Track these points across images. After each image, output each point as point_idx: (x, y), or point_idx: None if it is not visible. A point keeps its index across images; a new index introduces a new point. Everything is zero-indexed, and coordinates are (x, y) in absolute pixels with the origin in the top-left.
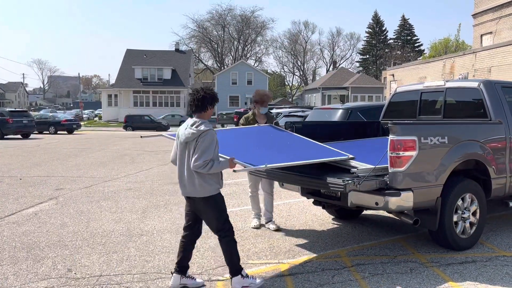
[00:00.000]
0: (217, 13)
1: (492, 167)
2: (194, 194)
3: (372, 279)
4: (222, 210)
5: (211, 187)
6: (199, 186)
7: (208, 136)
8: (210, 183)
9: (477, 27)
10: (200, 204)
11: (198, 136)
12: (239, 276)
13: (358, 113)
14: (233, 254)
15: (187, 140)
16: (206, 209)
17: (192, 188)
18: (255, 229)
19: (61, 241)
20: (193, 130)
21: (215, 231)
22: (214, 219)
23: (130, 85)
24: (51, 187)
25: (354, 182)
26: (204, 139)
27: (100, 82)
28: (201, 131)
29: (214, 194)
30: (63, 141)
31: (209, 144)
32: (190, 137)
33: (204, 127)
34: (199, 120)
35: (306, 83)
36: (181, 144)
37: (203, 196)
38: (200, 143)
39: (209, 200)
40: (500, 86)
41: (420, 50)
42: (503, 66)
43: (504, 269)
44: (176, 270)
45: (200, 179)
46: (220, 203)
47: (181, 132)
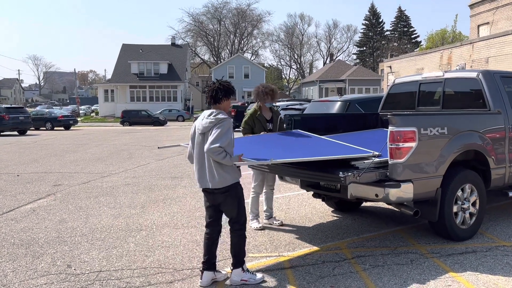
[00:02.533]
0: (212, 6)
1: (492, 157)
2: (213, 185)
3: (373, 270)
4: (241, 200)
5: (230, 177)
6: (219, 177)
7: (226, 123)
8: (229, 172)
9: (474, 17)
10: (220, 195)
11: (215, 125)
12: (240, 269)
13: (357, 105)
14: (241, 248)
15: (205, 131)
16: (226, 200)
17: (212, 179)
18: (259, 230)
19: (60, 237)
20: (211, 119)
21: (231, 221)
22: (234, 209)
23: (126, 80)
24: (49, 183)
25: (354, 174)
26: (221, 125)
27: (96, 78)
28: (219, 119)
29: (233, 183)
30: (60, 137)
31: (226, 130)
32: (208, 126)
33: (221, 115)
34: (215, 111)
35: (303, 76)
36: (199, 136)
37: (223, 187)
38: (216, 129)
39: (229, 190)
40: (499, 76)
41: (417, 42)
42: (501, 56)
43: (504, 259)
44: (205, 268)
45: (219, 169)
46: (239, 193)
47: (197, 124)
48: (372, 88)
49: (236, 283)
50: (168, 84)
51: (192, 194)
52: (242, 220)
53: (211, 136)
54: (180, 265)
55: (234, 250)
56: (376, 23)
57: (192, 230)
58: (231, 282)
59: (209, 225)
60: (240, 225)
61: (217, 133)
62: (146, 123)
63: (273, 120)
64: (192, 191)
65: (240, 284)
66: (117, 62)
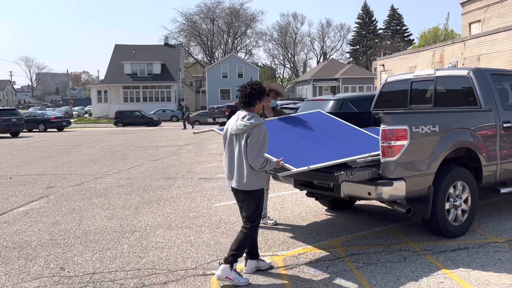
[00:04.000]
0: (205, 6)
1: (483, 155)
2: (239, 186)
3: (366, 268)
4: (260, 205)
5: (256, 183)
6: (247, 179)
7: (262, 130)
8: (258, 177)
9: (465, 15)
10: (242, 195)
11: (250, 129)
12: (228, 265)
13: (349, 104)
14: (242, 247)
15: (238, 133)
16: (246, 199)
17: (239, 180)
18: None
19: (53, 239)
20: (245, 123)
21: (246, 219)
22: (251, 210)
23: (119, 81)
24: (42, 185)
25: (346, 172)
26: (258, 134)
27: (89, 78)
28: (254, 124)
29: (257, 189)
30: (53, 138)
31: (263, 140)
32: (242, 129)
33: (255, 121)
34: (249, 114)
35: (297, 75)
36: (231, 137)
37: (249, 190)
38: (255, 139)
39: (252, 193)
40: (489, 73)
41: (410, 40)
42: (492, 53)
43: (496, 255)
44: (248, 257)
45: (250, 173)
46: (260, 198)
47: (231, 124)
48: (365, 87)
49: (220, 277)
50: (162, 84)
51: (186, 194)
52: (256, 222)
53: (253, 150)
54: (174, 266)
55: (233, 246)
56: (369, 22)
57: (186, 231)
58: (216, 276)
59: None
60: (251, 226)
61: (258, 145)
62: (139, 124)
63: None
64: (186, 192)
65: (223, 280)
66: (110, 62)
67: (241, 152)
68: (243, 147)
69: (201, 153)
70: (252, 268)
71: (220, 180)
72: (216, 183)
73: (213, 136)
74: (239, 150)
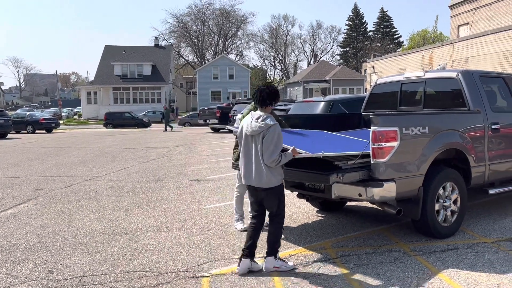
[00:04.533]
0: (196, 7)
1: (472, 156)
2: (260, 185)
3: (357, 270)
4: (283, 198)
5: (276, 179)
6: (266, 178)
7: (276, 131)
8: (275, 175)
9: (454, 18)
10: (263, 193)
11: (265, 130)
12: (272, 257)
13: (340, 105)
14: (277, 237)
15: (254, 134)
16: (267, 196)
17: (258, 179)
18: (243, 231)
19: (42, 242)
20: (260, 124)
21: (272, 214)
22: (275, 205)
23: (109, 82)
24: (30, 187)
25: (337, 174)
26: (273, 135)
27: (78, 80)
28: (269, 125)
29: (278, 185)
30: (42, 140)
31: (278, 139)
32: (257, 130)
33: (270, 121)
34: (264, 114)
35: (288, 76)
36: (247, 137)
37: (269, 187)
38: (270, 138)
39: (273, 190)
40: (478, 75)
41: (399, 42)
42: (480, 56)
43: (485, 255)
44: (245, 254)
45: (268, 171)
46: (281, 192)
47: (245, 124)
48: (356, 88)
49: (268, 269)
50: (152, 85)
51: (176, 196)
52: (282, 214)
53: (268, 149)
54: (164, 268)
55: (269, 239)
56: (359, 24)
57: (177, 233)
58: (265, 269)
59: (255, 217)
60: (279, 218)
61: (273, 144)
62: (130, 125)
63: None
64: (177, 194)
65: (272, 270)
66: (100, 63)
67: (258, 152)
68: (260, 147)
69: (192, 155)
70: (245, 268)
71: (211, 181)
72: (207, 184)
73: (204, 137)
74: (256, 150)
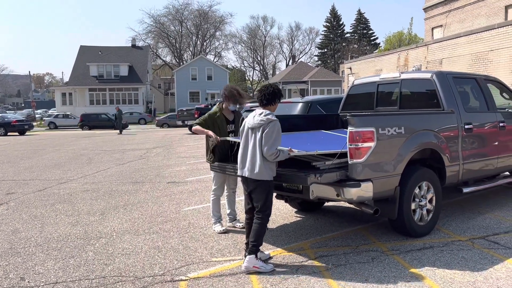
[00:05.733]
0: (173, 8)
1: (446, 155)
2: (251, 175)
3: (336, 270)
4: (270, 196)
5: (267, 173)
6: (259, 170)
7: (277, 126)
8: (267, 169)
9: (428, 20)
10: (254, 184)
11: (266, 124)
12: (253, 255)
13: (318, 106)
14: (259, 236)
15: (255, 127)
16: (256, 188)
17: (251, 169)
18: (222, 234)
19: (13, 248)
20: (262, 118)
21: (257, 209)
22: (262, 200)
23: (85, 83)
24: (1, 191)
25: (315, 175)
26: (273, 129)
27: (53, 80)
28: (270, 120)
29: (268, 179)
30: (14, 142)
31: (277, 134)
32: (258, 124)
33: (271, 117)
34: (266, 111)
35: (267, 77)
36: (248, 130)
37: (260, 179)
38: (270, 132)
39: (263, 184)
40: (451, 76)
41: (376, 44)
42: (453, 57)
43: (459, 253)
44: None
45: (261, 164)
46: (270, 188)
47: (249, 119)
48: (333, 89)
49: (248, 268)
50: (129, 86)
51: (153, 199)
52: (267, 212)
53: (267, 143)
54: (141, 272)
55: (252, 237)
56: (336, 26)
57: (154, 236)
58: (244, 268)
59: (248, 211)
60: (263, 215)
61: (273, 138)
62: (106, 127)
63: (235, 121)
64: (154, 196)
65: (252, 270)
66: (75, 64)
67: (255, 144)
68: (258, 140)
69: (170, 157)
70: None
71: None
72: (185, 186)
73: (183, 138)
74: (254, 142)
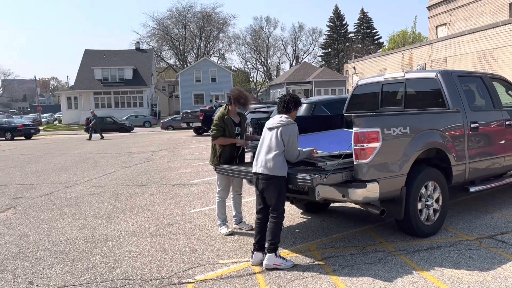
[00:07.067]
0: (177, 10)
1: (452, 154)
2: (264, 171)
3: (343, 271)
4: (283, 193)
5: (280, 170)
6: (272, 165)
7: (295, 128)
8: (280, 166)
9: (432, 19)
10: (266, 181)
11: (284, 125)
12: (273, 254)
13: (322, 106)
14: (276, 235)
15: (273, 127)
16: (269, 187)
17: (264, 164)
18: (228, 235)
19: (21, 252)
20: (282, 119)
21: (271, 208)
22: (274, 197)
23: (90, 87)
24: (9, 196)
25: (320, 176)
26: (292, 131)
27: (58, 85)
28: (289, 121)
29: (280, 175)
30: (21, 147)
31: (294, 134)
32: (277, 124)
33: (289, 120)
34: (285, 115)
35: (271, 78)
36: (266, 130)
37: (272, 174)
38: (289, 133)
39: (274, 180)
40: (456, 75)
41: (380, 43)
42: (458, 56)
43: (467, 253)
44: (256, 249)
45: (276, 160)
46: (283, 185)
47: (268, 122)
48: (337, 89)
49: (268, 266)
50: (134, 89)
51: (160, 201)
52: (280, 209)
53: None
54: (148, 275)
55: (269, 236)
56: (340, 25)
57: (161, 239)
58: (264, 266)
59: (259, 211)
60: (277, 213)
61: (292, 142)
62: (111, 130)
63: (241, 123)
64: (160, 199)
65: (272, 268)
66: (80, 68)
67: (271, 142)
68: (274, 137)
69: (175, 159)
70: (258, 261)
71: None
72: (191, 189)
73: (188, 141)
74: (270, 140)
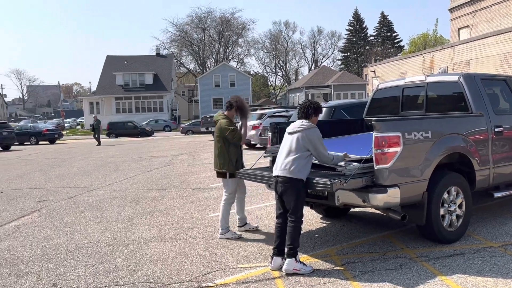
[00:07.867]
0: (196, 16)
1: (476, 159)
2: (283, 173)
3: (363, 277)
4: (302, 196)
5: (299, 173)
6: (291, 167)
7: (317, 132)
8: (300, 169)
9: (454, 21)
10: (285, 184)
11: (305, 129)
12: (293, 259)
13: (342, 111)
14: (295, 239)
15: (294, 131)
16: (286, 190)
17: (283, 167)
18: (247, 241)
19: (45, 254)
20: (304, 123)
21: (289, 212)
22: (292, 201)
23: (111, 92)
24: (34, 199)
25: (340, 181)
26: (313, 135)
27: (81, 90)
28: (310, 125)
29: (299, 178)
30: (45, 151)
31: (318, 137)
32: (298, 129)
33: (310, 124)
34: (306, 120)
35: (289, 82)
36: (287, 135)
37: (290, 177)
38: (313, 139)
39: (293, 183)
40: (479, 78)
41: (400, 46)
42: (481, 58)
43: (492, 260)
44: (275, 253)
45: (294, 162)
46: (302, 189)
47: (289, 127)
48: (357, 93)
49: (288, 271)
50: (154, 94)
51: (180, 205)
52: (299, 213)
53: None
54: (168, 278)
55: (288, 240)
56: (359, 29)
57: (181, 243)
58: (284, 270)
59: (279, 216)
60: (296, 217)
61: (317, 145)
62: (132, 135)
63: None
64: (180, 202)
65: (291, 273)
66: (102, 74)
67: (291, 145)
68: (295, 140)
69: (195, 163)
70: (277, 266)
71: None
72: (210, 193)
73: (207, 145)
74: (290, 144)
